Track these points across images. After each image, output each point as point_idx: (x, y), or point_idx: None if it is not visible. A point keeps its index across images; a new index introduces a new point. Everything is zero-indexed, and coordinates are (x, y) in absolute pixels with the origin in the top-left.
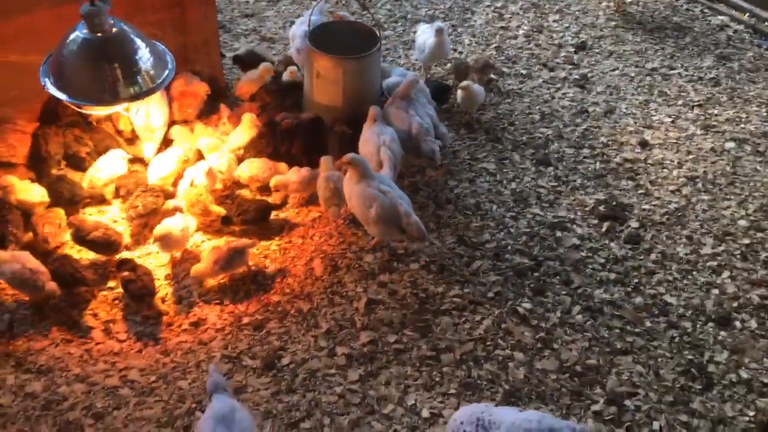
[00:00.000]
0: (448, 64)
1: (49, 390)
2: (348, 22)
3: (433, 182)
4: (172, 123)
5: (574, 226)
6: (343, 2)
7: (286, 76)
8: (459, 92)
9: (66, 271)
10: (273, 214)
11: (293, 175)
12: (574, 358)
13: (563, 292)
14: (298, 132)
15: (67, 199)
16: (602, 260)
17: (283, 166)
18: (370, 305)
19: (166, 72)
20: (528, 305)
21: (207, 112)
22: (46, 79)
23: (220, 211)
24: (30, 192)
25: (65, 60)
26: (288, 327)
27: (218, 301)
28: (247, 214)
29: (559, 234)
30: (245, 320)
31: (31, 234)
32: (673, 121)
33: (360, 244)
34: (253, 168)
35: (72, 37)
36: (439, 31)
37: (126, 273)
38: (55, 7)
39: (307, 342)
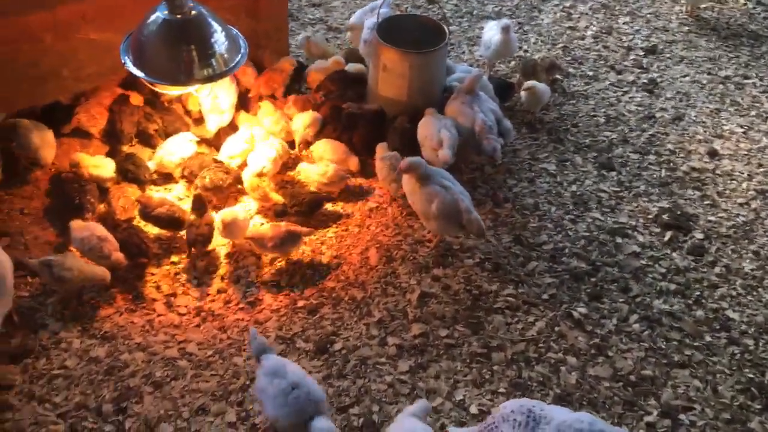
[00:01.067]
0: (513, 62)
1: (112, 356)
2: (415, 16)
3: (492, 180)
4: (258, 97)
5: (636, 233)
6: None
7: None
8: (523, 92)
9: (133, 242)
10: (330, 204)
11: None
12: (628, 367)
13: (621, 300)
14: (360, 122)
15: (130, 179)
16: (663, 270)
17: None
18: (423, 298)
19: (239, 56)
20: (583, 310)
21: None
22: (126, 57)
23: (279, 199)
24: (103, 167)
25: (145, 39)
26: (341, 313)
27: (275, 283)
28: (300, 206)
29: (619, 240)
30: (300, 303)
31: (104, 206)
32: (744, 132)
33: (416, 236)
34: (325, 149)
35: (153, 17)
36: (505, 29)
37: (193, 217)
38: None
39: (359, 329)
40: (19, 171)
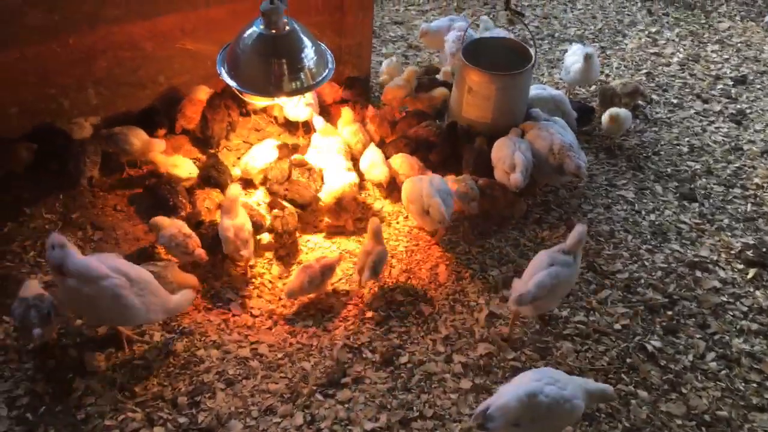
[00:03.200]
0: (593, 87)
1: (189, 351)
2: (499, 38)
3: (566, 204)
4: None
5: (717, 268)
6: (492, 16)
7: (442, 76)
8: (605, 118)
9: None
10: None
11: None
12: (703, 407)
13: (698, 336)
14: (437, 141)
15: (213, 184)
16: (745, 308)
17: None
18: (491, 318)
19: (326, 71)
20: (657, 343)
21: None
22: (221, 68)
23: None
24: (181, 167)
25: (240, 51)
26: (408, 327)
27: (345, 293)
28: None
29: (698, 274)
30: (368, 314)
31: (189, 206)
32: None
33: (486, 256)
34: (402, 163)
35: (249, 31)
36: (587, 57)
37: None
38: (232, 3)
39: (425, 344)
40: (113, 171)
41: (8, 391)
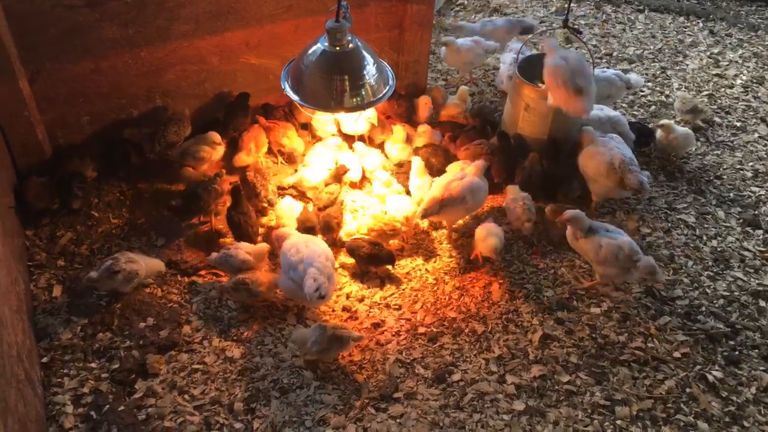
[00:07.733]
0: (652, 107)
1: (246, 358)
2: None
3: (623, 227)
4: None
5: None
6: (548, 34)
7: None
8: (660, 134)
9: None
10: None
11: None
12: None
13: (761, 368)
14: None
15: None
16: None
17: None
18: (545, 340)
19: (387, 88)
20: (719, 374)
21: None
22: (285, 82)
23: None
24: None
25: (304, 67)
26: (461, 345)
27: (398, 307)
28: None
29: (762, 304)
30: (421, 330)
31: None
32: None
33: (540, 277)
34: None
35: (314, 48)
36: None
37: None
38: (296, 20)
39: (478, 363)
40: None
41: (74, 389)
